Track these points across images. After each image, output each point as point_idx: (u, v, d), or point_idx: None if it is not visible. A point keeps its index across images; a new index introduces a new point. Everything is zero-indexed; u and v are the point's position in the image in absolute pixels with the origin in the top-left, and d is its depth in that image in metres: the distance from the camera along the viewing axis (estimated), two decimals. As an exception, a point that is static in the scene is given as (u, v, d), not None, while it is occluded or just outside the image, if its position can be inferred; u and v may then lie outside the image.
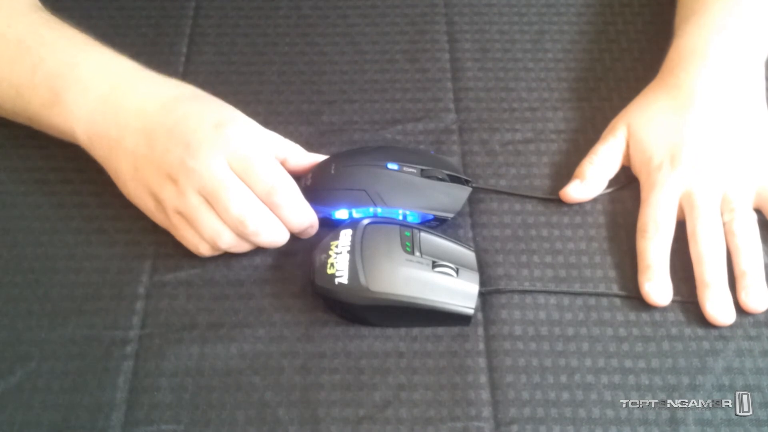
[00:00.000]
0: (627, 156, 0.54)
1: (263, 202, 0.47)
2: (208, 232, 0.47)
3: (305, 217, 0.49)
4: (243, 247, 0.49)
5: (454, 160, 0.55)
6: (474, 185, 0.53)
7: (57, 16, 0.53)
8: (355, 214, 0.50)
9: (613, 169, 0.54)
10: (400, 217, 0.51)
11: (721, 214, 0.50)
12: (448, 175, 0.52)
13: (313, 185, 0.51)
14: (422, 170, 0.51)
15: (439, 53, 0.62)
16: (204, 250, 0.48)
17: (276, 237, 0.48)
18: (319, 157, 0.53)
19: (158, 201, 0.48)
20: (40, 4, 0.54)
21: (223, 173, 0.46)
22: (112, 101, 0.49)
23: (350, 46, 0.62)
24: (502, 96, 0.59)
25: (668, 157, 0.51)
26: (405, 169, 0.51)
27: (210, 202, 0.46)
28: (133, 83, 0.50)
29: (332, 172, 0.51)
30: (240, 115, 0.49)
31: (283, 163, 0.50)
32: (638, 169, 0.53)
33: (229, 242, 0.47)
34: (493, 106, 0.59)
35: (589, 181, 0.53)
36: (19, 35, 0.51)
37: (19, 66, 0.50)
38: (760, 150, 0.51)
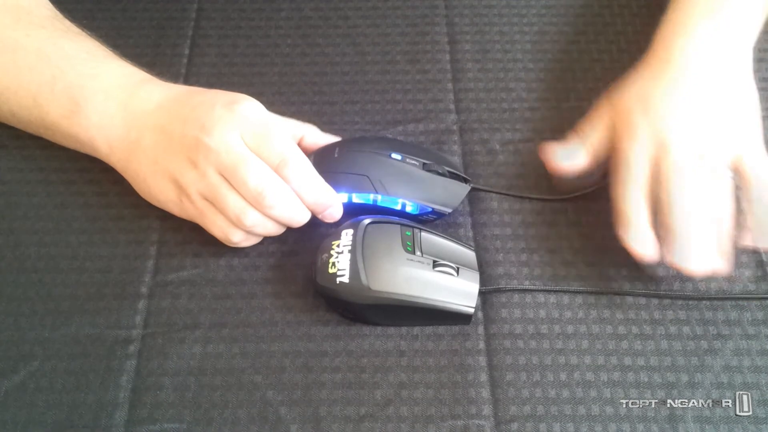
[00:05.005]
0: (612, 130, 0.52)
1: (279, 173, 0.47)
2: (232, 211, 0.47)
3: (320, 193, 0.49)
4: (268, 226, 0.48)
5: (455, 160, 0.55)
6: (473, 185, 0.53)
7: (76, 25, 0.54)
8: (355, 199, 0.51)
9: (597, 139, 0.52)
10: (399, 206, 0.51)
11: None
12: (449, 172, 0.52)
13: (316, 167, 0.50)
14: (424, 164, 0.52)
15: (440, 54, 0.62)
16: (235, 237, 0.48)
17: (294, 212, 0.48)
18: (335, 138, 0.54)
19: (181, 189, 0.48)
20: (57, 13, 0.54)
21: (239, 148, 0.46)
22: (131, 107, 0.50)
23: (351, 47, 0.63)
24: (502, 96, 0.60)
25: (641, 106, 0.49)
26: (408, 160, 0.51)
27: (228, 179, 0.46)
28: (150, 89, 0.51)
29: (336, 155, 0.51)
30: (251, 98, 0.49)
31: (300, 143, 0.51)
32: (616, 123, 0.51)
33: (254, 220, 0.47)
34: (494, 106, 0.59)
35: (572, 147, 0.52)
36: (39, 45, 0.51)
37: (38, 76, 0.51)
38: (739, 121, 0.49)
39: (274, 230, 0.49)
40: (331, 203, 0.49)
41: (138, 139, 0.49)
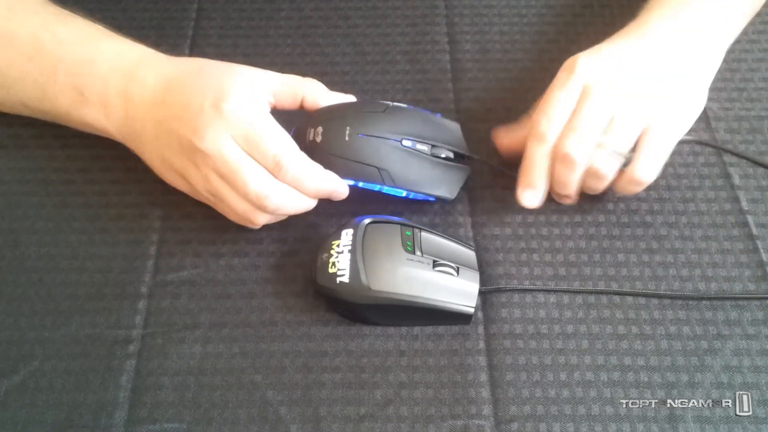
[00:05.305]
0: None
1: (275, 177, 0.47)
2: (241, 213, 0.48)
3: (321, 184, 0.48)
4: (279, 218, 0.50)
5: (458, 130, 0.54)
6: (476, 158, 0.53)
7: (66, 8, 0.53)
8: (361, 185, 0.51)
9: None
10: (404, 195, 0.51)
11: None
12: (455, 153, 0.52)
13: (324, 146, 0.49)
14: (432, 147, 0.51)
15: (440, 54, 0.62)
16: (250, 227, 0.50)
17: (300, 205, 0.48)
18: (339, 97, 0.52)
19: (191, 185, 0.49)
20: None
21: (232, 154, 0.46)
22: (130, 96, 0.49)
23: (351, 47, 0.63)
24: (502, 96, 0.60)
25: (590, 53, 0.50)
26: (418, 146, 0.50)
27: (229, 185, 0.47)
28: (145, 73, 0.50)
29: (346, 138, 0.49)
30: (236, 83, 0.47)
31: (301, 103, 0.50)
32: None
33: (263, 219, 0.49)
34: (493, 106, 0.59)
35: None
36: (35, 33, 0.51)
37: (39, 66, 0.50)
38: (669, 99, 0.50)
39: (285, 217, 0.50)
40: (333, 188, 0.49)
41: (142, 131, 0.49)
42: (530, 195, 0.51)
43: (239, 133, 0.46)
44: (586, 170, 0.49)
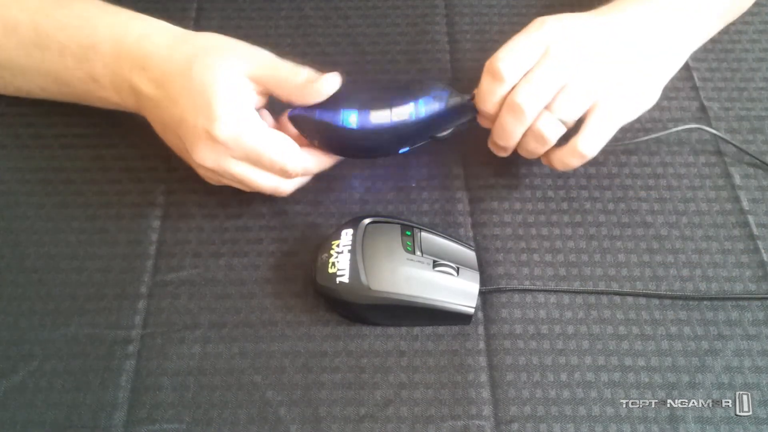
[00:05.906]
0: None
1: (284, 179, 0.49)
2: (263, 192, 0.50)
3: (327, 165, 0.51)
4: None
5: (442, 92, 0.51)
6: (468, 98, 0.51)
7: None
8: None
9: None
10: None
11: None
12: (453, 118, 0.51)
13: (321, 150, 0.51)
14: (431, 137, 0.51)
15: (440, 54, 0.62)
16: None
17: (309, 179, 0.52)
18: (330, 85, 0.50)
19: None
20: None
21: (237, 169, 0.47)
22: (135, 88, 0.49)
23: (351, 46, 0.63)
24: (503, 96, 0.59)
25: (558, 17, 0.50)
26: (418, 140, 0.50)
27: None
28: (143, 63, 0.48)
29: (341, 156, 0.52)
30: (221, 99, 0.46)
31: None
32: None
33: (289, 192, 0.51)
34: (494, 106, 0.59)
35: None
36: (35, 20, 0.50)
37: (46, 52, 0.50)
38: (626, 75, 0.49)
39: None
40: (337, 162, 0.52)
41: (152, 121, 0.50)
42: (484, 121, 0.51)
43: (239, 154, 0.47)
44: (529, 129, 0.48)
